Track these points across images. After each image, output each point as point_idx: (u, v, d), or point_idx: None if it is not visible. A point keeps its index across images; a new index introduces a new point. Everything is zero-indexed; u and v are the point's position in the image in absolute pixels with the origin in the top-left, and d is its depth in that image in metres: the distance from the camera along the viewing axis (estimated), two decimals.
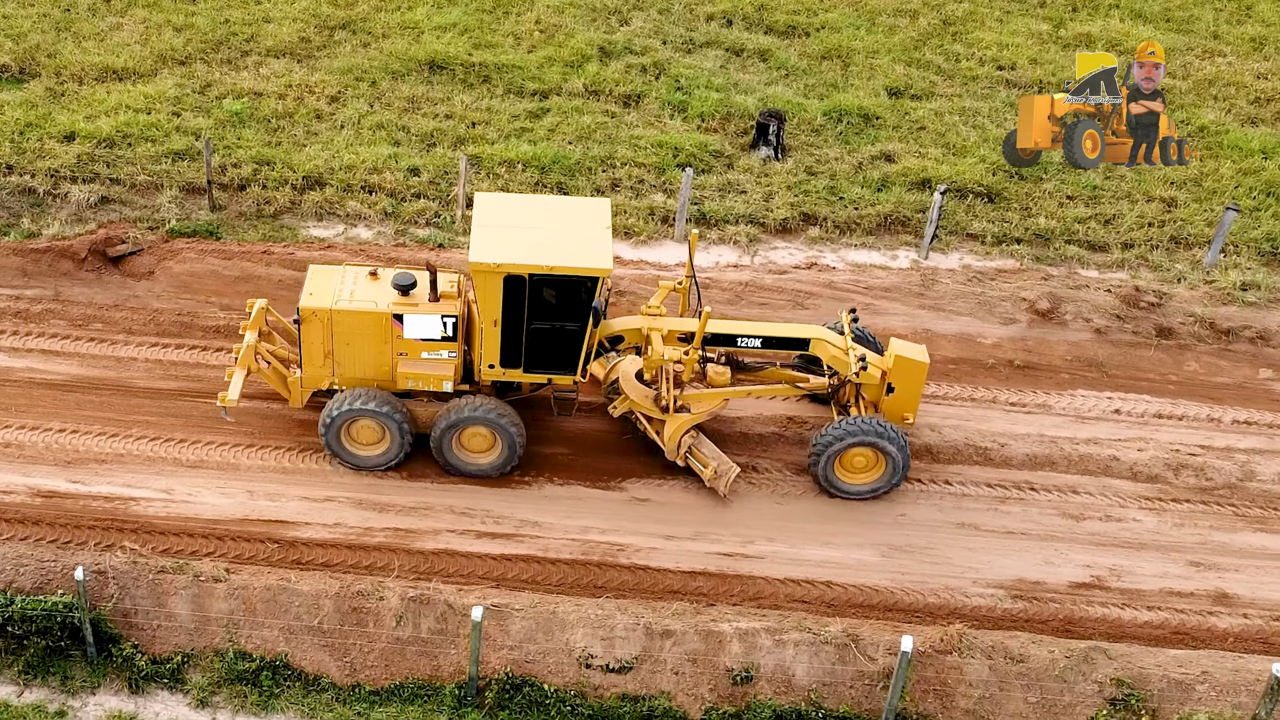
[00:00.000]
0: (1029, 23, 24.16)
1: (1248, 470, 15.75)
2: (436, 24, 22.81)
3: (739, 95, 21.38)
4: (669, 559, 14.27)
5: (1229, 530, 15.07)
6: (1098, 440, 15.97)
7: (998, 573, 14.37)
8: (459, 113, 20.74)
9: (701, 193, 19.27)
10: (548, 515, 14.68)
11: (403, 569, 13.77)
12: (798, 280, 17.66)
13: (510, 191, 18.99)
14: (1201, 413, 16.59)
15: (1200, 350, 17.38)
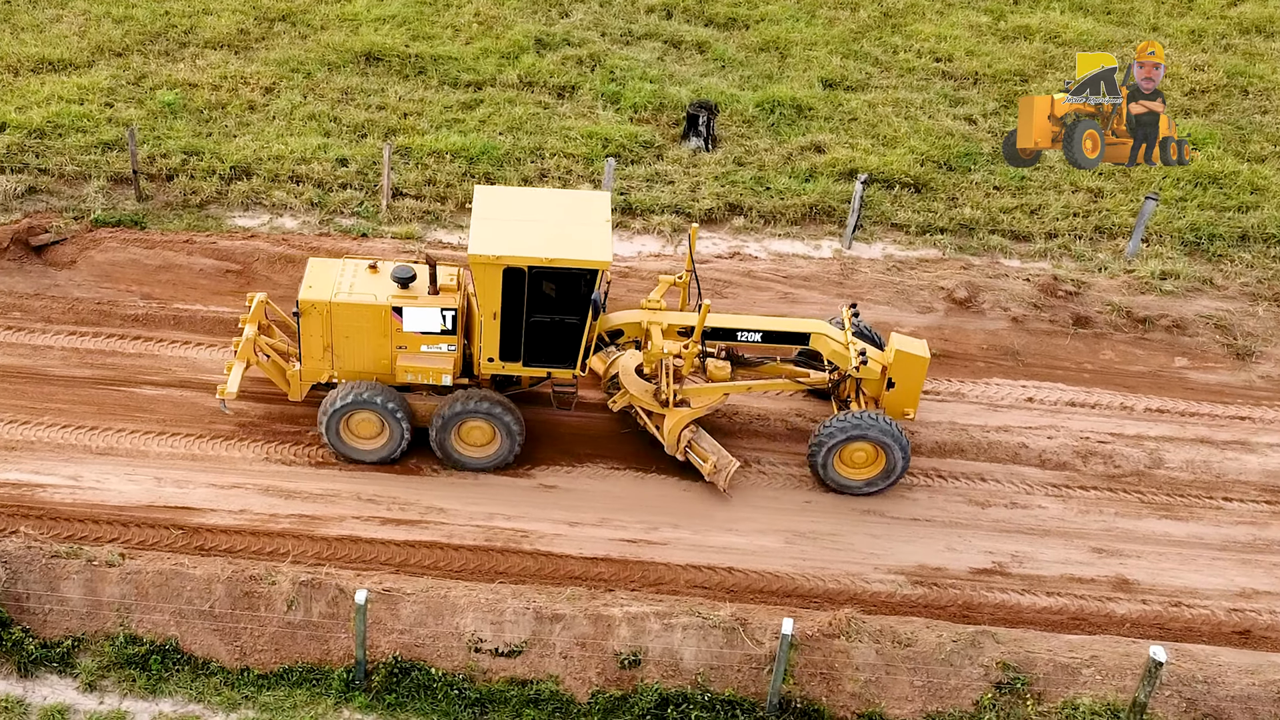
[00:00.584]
0: (969, 15, 24.15)
1: (1156, 457, 15.77)
2: (376, 16, 22.84)
3: (673, 87, 21.39)
4: (572, 545, 14.28)
5: (1134, 517, 15.09)
6: (1008, 428, 16.00)
7: (899, 559, 14.38)
8: (392, 104, 20.74)
9: (629, 183, 19.28)
10: (454, 502, 14.68)
11: (304, 555, 13.80)
12: (717, 269, 17.66)
13: (437, 182, 19.03)
14: (1114, 401, 16.62)
15: (1116, 339, 17.40)
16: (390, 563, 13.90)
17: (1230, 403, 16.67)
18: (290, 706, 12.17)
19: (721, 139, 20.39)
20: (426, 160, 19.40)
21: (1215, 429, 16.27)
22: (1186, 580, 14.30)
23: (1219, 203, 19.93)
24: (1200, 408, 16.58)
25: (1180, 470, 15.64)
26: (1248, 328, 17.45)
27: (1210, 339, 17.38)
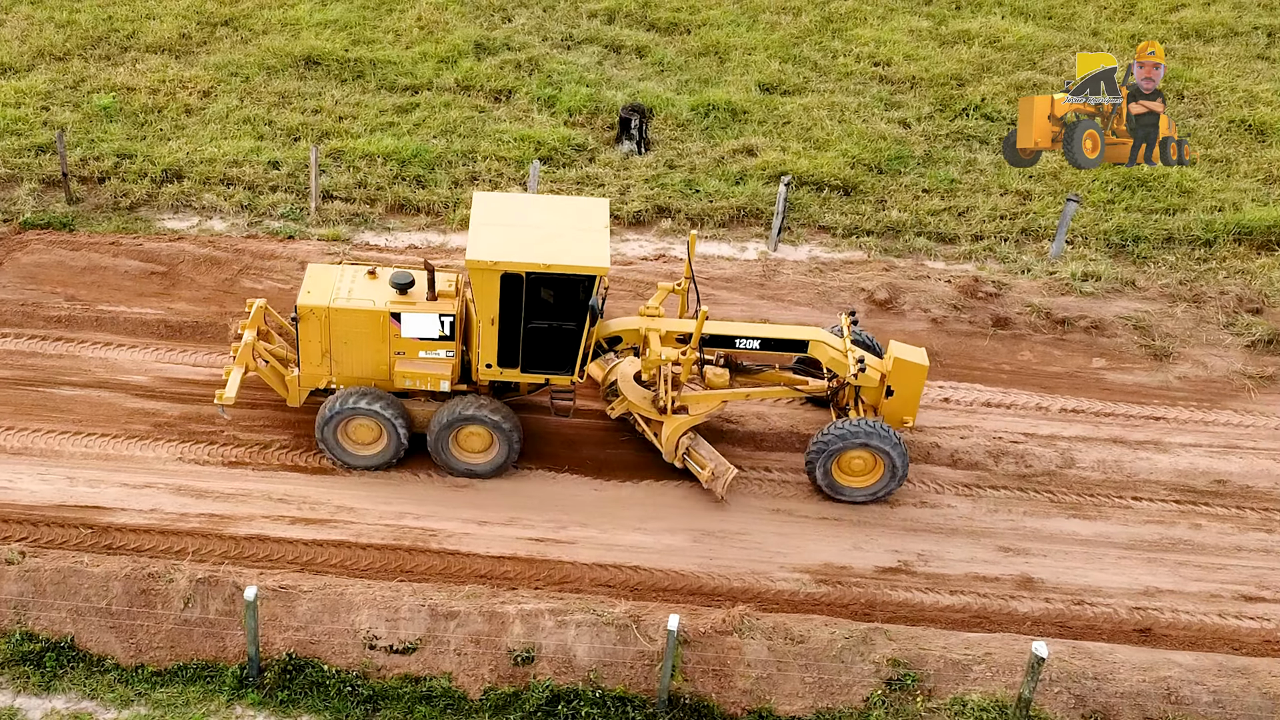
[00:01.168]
0: (910, 20, 24.27)
1: (1068, 457, 15.82)
2: (318, 20, 22.93)
3: (609, 91, 21.49)
4: (479, 544, 14.30)
5: (1042, 516, 15.14)
6: (922, 428, 16.02)
7: (806, 558, 14.41)
8: (328, 107, 20.83)
9: (560, 186, 19.35)
10: (364, 502, 14.71)
11: (211, 554, 13.83)
12: (640, 271, 17.73)
13: (367, 185, 19.11)
14: (1030, 401, 16.68)
15: (1035, 340, 17.47)
16: (296, 561, 13.92)
17: (1146, 403, 16.73)
18: (183, 704, 12.20)
19: (654, 142, 20.47)
20: (358, 163, 19.48)
21: (1129, 429, 16.32)
22: (1090, 579, 14.34)
23: (1147, 205, 20.06)
24: (1116, 408, 16.64)
25: (1091, 470, 15.69)
26: (1166, 329, 17.54)
27: (1129, 340, 17.47)
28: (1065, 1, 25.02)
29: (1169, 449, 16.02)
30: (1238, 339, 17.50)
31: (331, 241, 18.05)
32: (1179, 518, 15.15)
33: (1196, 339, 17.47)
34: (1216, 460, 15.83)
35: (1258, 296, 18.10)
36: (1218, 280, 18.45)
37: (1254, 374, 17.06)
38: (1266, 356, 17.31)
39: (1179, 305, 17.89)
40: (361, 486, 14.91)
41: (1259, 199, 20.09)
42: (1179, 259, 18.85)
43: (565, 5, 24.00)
